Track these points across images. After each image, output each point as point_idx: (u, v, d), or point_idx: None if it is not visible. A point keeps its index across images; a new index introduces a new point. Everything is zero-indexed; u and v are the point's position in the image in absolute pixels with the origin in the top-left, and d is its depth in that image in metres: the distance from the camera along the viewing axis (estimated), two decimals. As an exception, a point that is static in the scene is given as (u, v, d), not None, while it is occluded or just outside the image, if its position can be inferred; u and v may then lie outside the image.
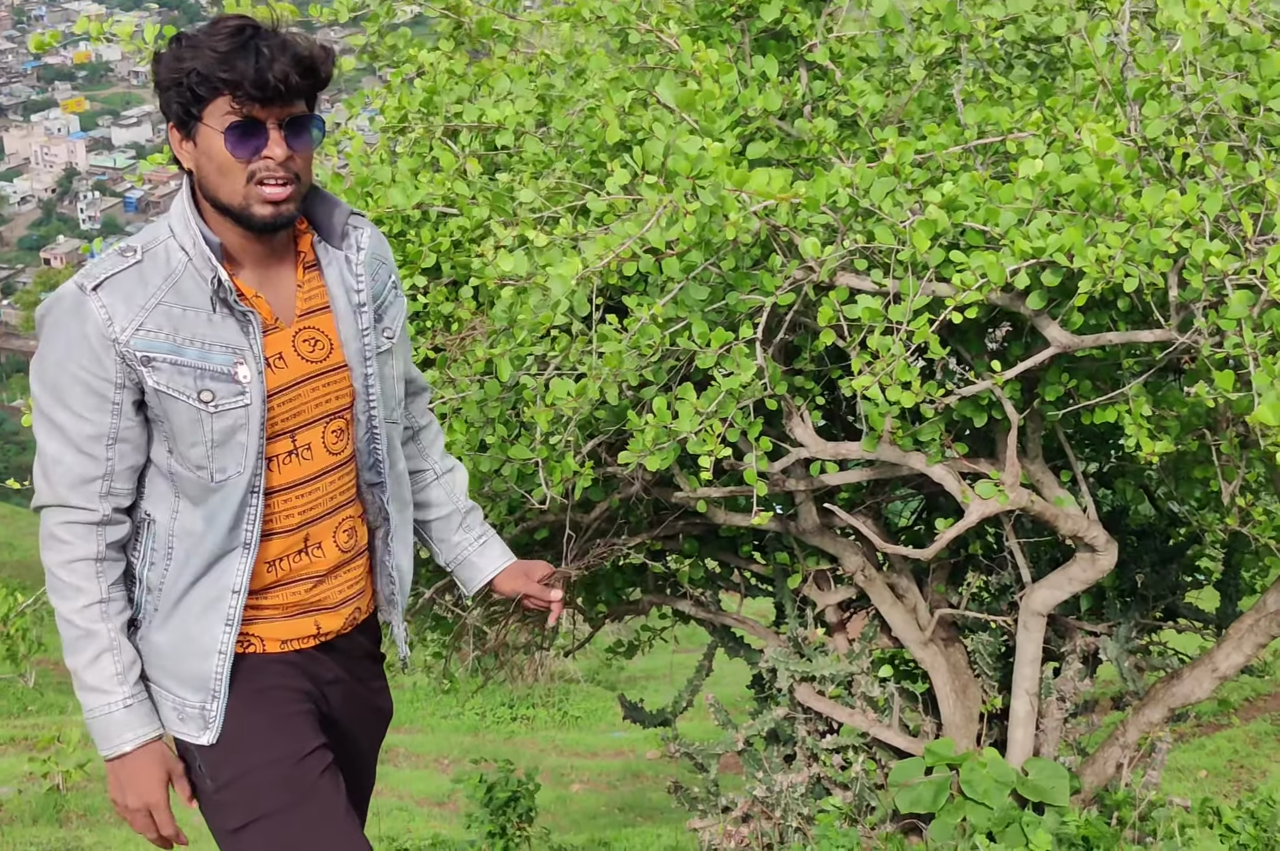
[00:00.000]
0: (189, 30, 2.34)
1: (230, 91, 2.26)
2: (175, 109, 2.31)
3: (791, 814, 4.51)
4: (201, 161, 2.34)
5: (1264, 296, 2.98)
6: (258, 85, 2.25)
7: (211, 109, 2.28)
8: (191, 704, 2.46)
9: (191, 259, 2.35)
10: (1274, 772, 10.53)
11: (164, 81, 2.30)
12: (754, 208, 3.16)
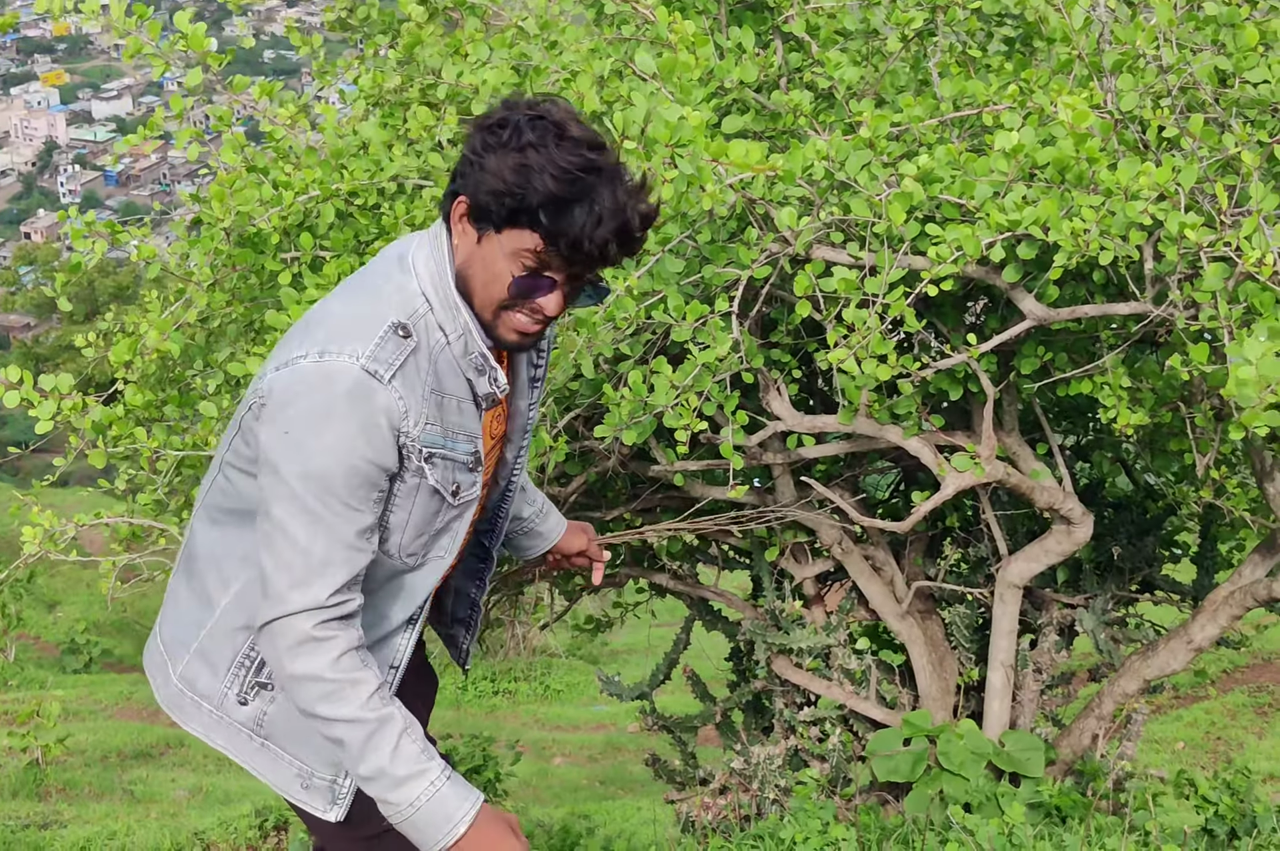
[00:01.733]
0: (540, 122, 2.10)
1: (544, 239, 2.10)
2: (482, 203, 2.11)
3: (769, 786, 4.53)
4: (474, 259, 2.17)
5: (1239, 269, 2.98)
6: (572, 248, 2.09)
7: (516, 234, 2.11)
8: (321, 776, 2.35)
9: (450, 344, 2.20)
10: (1251, 744, 10.59)
11: (490, 178, 2.09)
12: (730, 180, 3.15)
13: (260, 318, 4.13)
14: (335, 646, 2.14)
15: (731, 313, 3.33)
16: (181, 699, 2.41)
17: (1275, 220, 3.05)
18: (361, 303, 2.19)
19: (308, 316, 2.26)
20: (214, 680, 2.38)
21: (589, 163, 2.09)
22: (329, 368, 2.09)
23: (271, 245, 3.82)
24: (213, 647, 2.38)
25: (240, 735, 2.38)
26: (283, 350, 2.20)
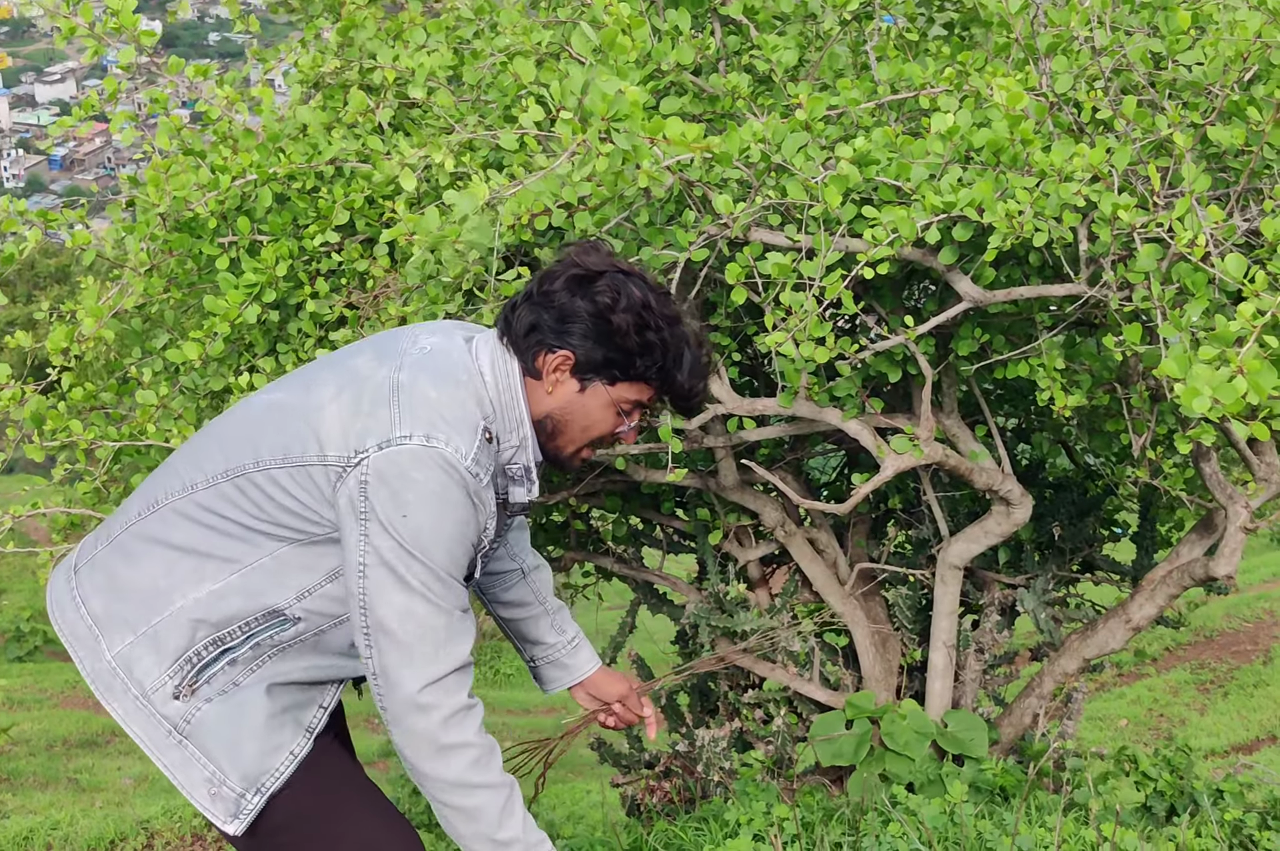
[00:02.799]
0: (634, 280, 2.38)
1: (661, 394, 2.42)
2: (598, 360, 2.35)
3: (713, 768, 4.54)
4: (570, 405, 2.39)
5: (1172, 250, 3.00)
6: (677, 398, 2.43)
7: (630, 387, 2.39)
8: (231, 787, 2.35)
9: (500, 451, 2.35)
10: (1193, 720, 10.71)
11: (612, 340, 2.33)
12: (667, 161, 3.15)
13: (198, 303, 4.10)
14: (478, 712, 2.30)
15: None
16: (111, 678, 2.37)
17: (1207, 201, 3.07)
18: (452, 394, 2.29)
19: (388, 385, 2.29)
20: (155, 668, 2.35)
21: (679, 314, 2.41)
22: (442, 457, 2.21)
23: (208, 229, 3.79)
24: (165, 635, 2.35)
25: (160, 728, 2.35)
26: (373, 421, 2.25)
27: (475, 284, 3.37)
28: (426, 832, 4.34)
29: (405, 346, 2.38)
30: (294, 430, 2.29)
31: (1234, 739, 9.93)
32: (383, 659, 2.25)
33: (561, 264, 2.40)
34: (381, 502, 2.20)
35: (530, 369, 2.37)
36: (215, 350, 3.69)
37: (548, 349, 2.35)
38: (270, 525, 2.32)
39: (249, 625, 2.36)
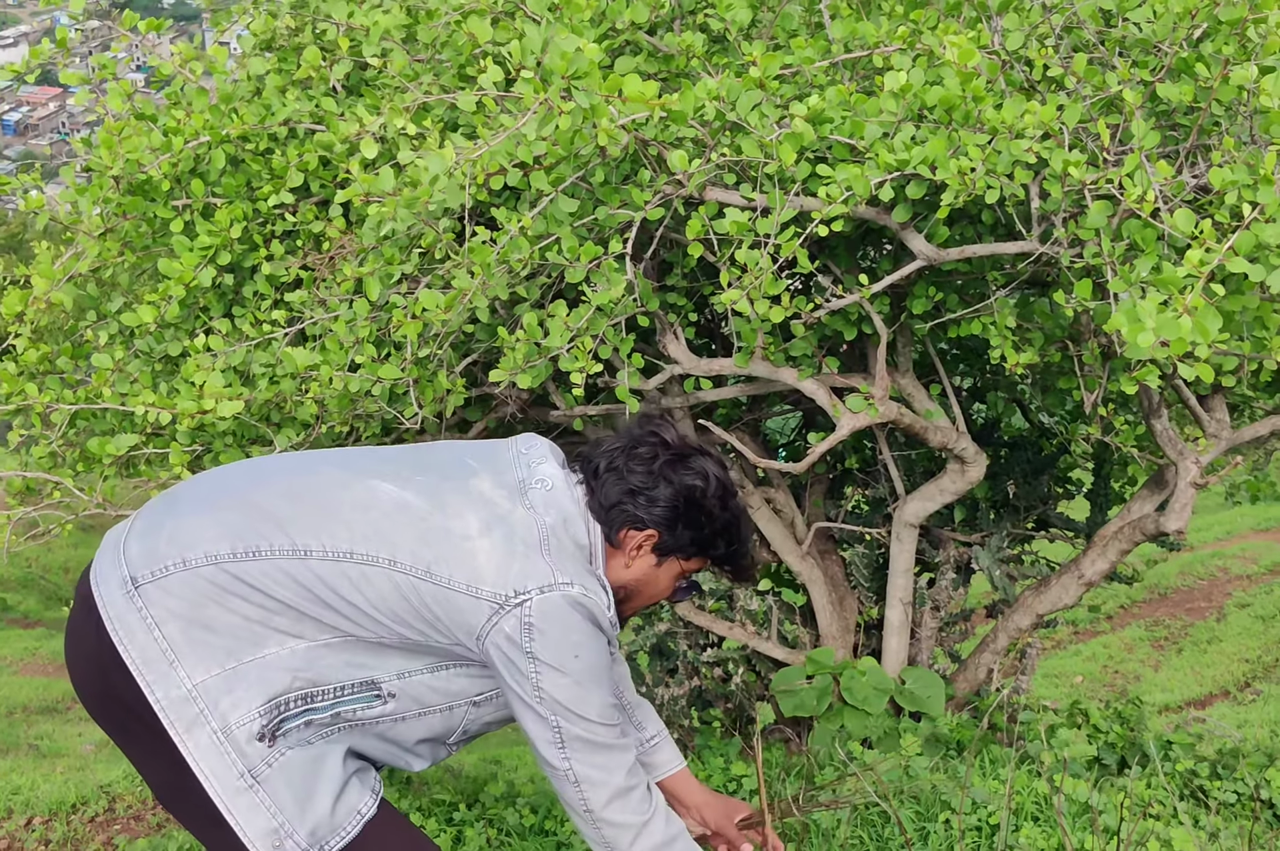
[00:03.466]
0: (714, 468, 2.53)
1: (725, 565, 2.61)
2: (682, 544, 2.52)
3: (674, 726, 4.58)
4: (645, 577, 2.55)
5: (1122, 206, 3.03)
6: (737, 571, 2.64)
7: (699, 561, 2.58)
8: (297, 841, 2.31)
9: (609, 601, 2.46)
10: (1147, 676, 10.84)
11: (702, 528, 2.50)
12: (623, 120, 3.15)
13: (153, 266, 4.08)
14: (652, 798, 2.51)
15: (625, 254, 3.34)
16: (187, 707, 2.26)
17: (1157, 158, 3.09)
18: (583, 552, 2.44)
19: (537, 530, 2.39)
20: (245, 703, 2.28)
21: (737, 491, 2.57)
22: (593, 605, 2.35)
23: (162, 192, 3.77)
24: (258, 676, 2.28)
25: (233, 770, 2.27)
26: (530, 565, 2.33)
27: (437, 246, 3.37)
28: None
29: (523, 475, 2.46)
30: (444, 552, 2.32)
31: (1188, 694, 10.06)
32: (583, 764, 2.41)
33: (645, 442, 2.52)
34: (551, 645, 2.32)
35: (611, 539, 2.48)
36: (171, 313, 3.68)
37: (634, 526, 2.48)
38: (386, 616, 2.33)
39: (342, 690, 2.35)
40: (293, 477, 2.41)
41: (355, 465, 2.44)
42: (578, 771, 2.39)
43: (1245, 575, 13.22)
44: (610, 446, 2.52)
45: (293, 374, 3.57)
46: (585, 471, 2.51)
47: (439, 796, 4.22)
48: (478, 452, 2.52)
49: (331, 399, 3.55)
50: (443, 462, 2.48)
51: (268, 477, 2.43)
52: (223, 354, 3.66)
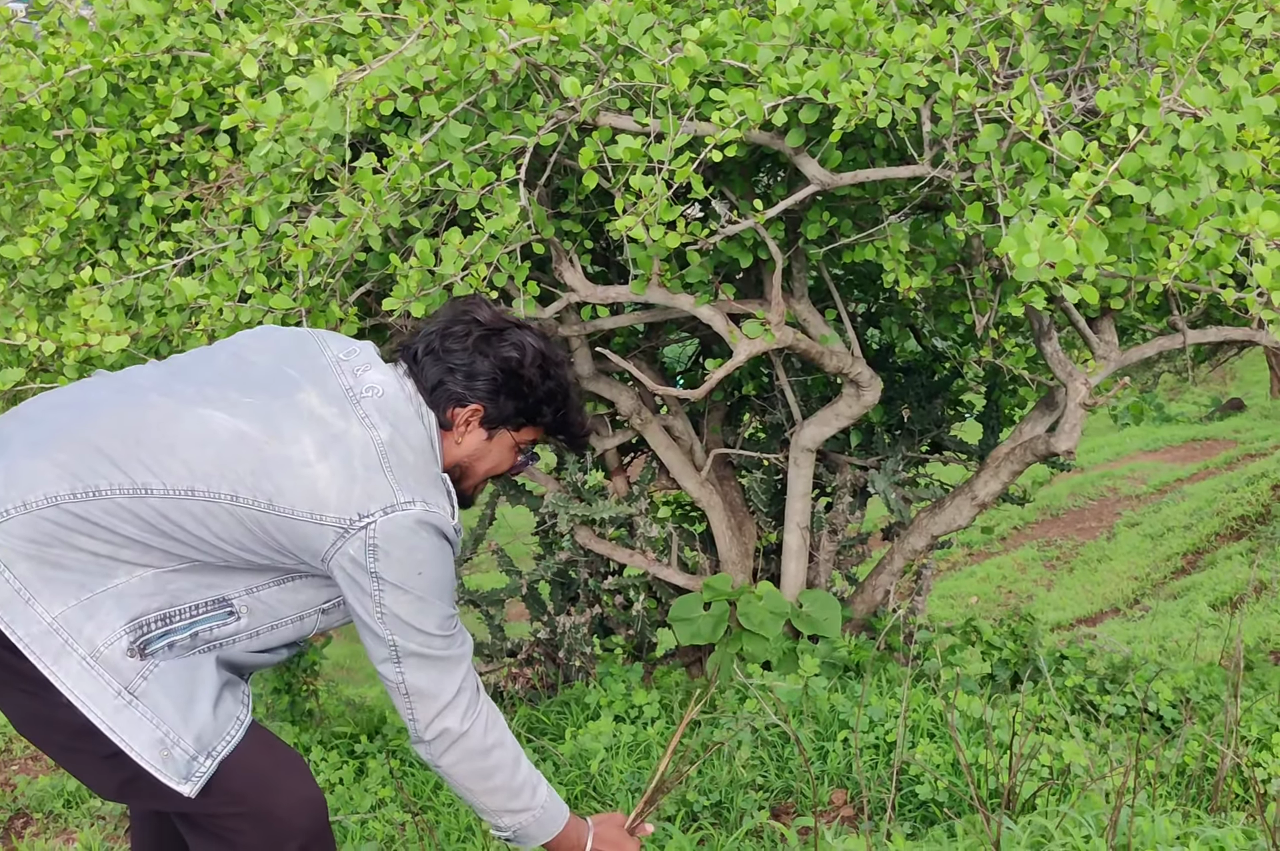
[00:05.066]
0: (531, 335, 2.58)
1: (558, 435, 2.66)
2: (509, 413, 2.56)
3: (575, 654, 4.61)
4: (480, 453, 2.59)
5: (1011, 129, 3.05)
6: (571, 437, 2.69)
7: (532, 430, 2.63)
8: (184, 749, 2.32)
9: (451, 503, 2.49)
10: (1040, 595, 11.09)
11: (522, 395, 2.55)
12: (514, 44, 3.11)
13: (34, 198, 3.98)
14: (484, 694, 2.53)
15: (519, 181, 3.31)
16: (51, 639, 2.26)
17: (1045, 81, 3.11)
18: (422, 456, 2.45)
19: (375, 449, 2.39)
20: (108, 626, 2.29)
21: (564, 357, 2.64)
22: (437, 519, 2.37)
23: (42, 122, 3.67)
24: (114, 602, 2.30)
25: (109, 690, 2.28)
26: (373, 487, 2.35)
27: (325, 173, 3.32)
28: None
29: (348, 383, 2.46)
30: (284, 483, 2.33)
31: (1079, 612, 10.31)
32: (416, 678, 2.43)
33: (460, 322, 2.55)
34: (395, 564, 2.34)
35: (441, 421, 2.53)
36: (52, 246, 3.59)
37: (458, 403, 2.52)
38: (232, 546, 2.36)
39: (196, 610, 2.37)
40: (122, 410, 2.39)
41: (181, 392, 2.42)
42: (409, 683, 2.43)
43: (1134, 495, 13.53)
44: (427, 331, 2.57)
45: (181, 306, 3.51)
46: (406, 360, 2.55)
47: (340, 729, 4.23)
48: (292, 358, 2.51)
49: (222, 330, 3.49)
50: (266, 378, 2.46)
51: (95, 411, 2.40)
52: (109, 287, 3.58)
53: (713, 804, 3.58)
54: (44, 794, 4.39)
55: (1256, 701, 3.93)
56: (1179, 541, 11.33)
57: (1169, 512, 12.28)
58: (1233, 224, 2.80)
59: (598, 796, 3.67)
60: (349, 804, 3.75)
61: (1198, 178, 2.78)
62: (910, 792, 3.45)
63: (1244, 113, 2.78)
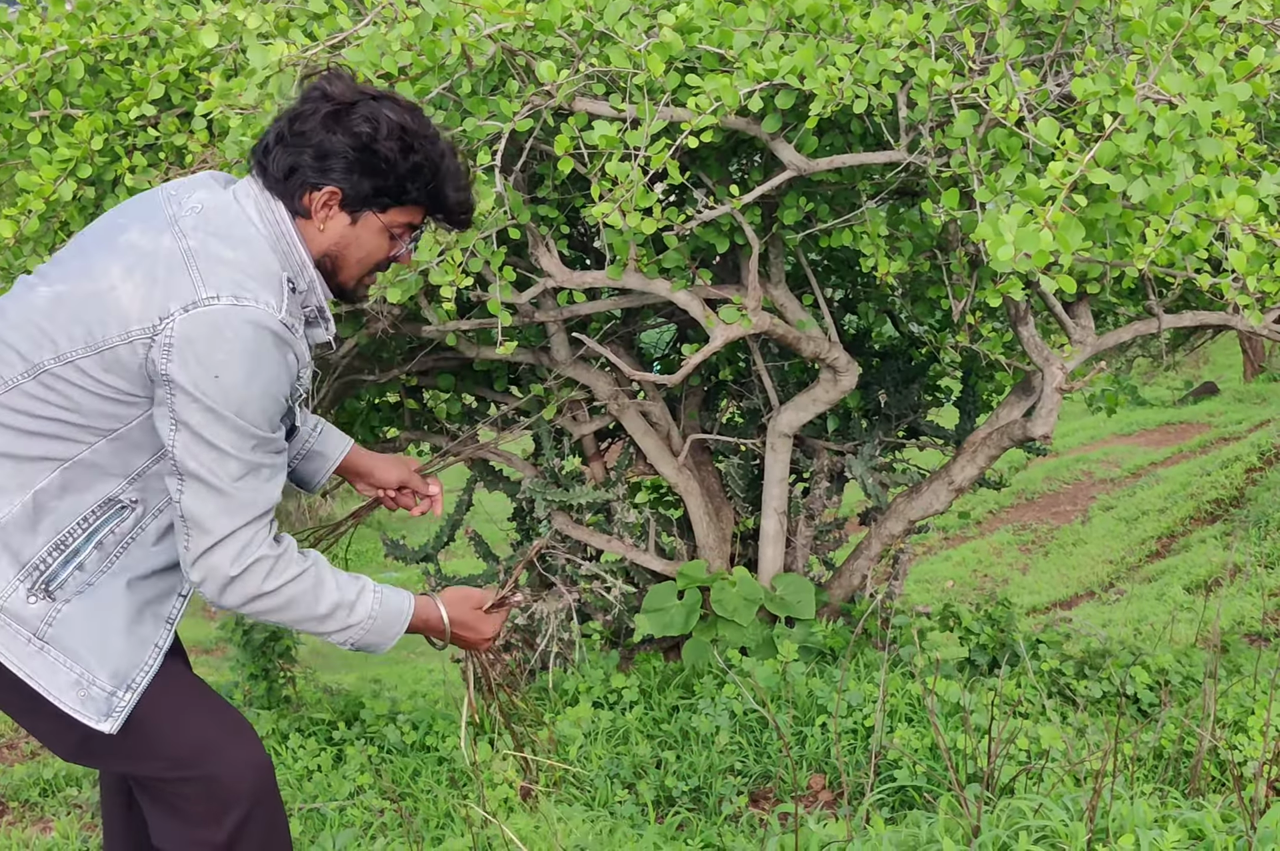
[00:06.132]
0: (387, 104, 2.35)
1: (434, 213, 2.42)
2: (366, 191, 2.34)
3: (552, 640, 4.61)
4: (346, 240, 2.40)
5: (987, 115, 3.05)
6: (450, 215, 2.44)
7: (400, 211, 2.39)
8: (101, 686, 2.32)
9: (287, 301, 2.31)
10: (1015, 579, 11.12)
11: (378, 170, 2.32)
12: (489, 29, 3.09)
13: (10, 179, 3.96)
14: (271, 539, 2.31)
15: (494, 167, 3.29)
16: None
17: (1021, 66, 3.11)
18: (247, 250, 2.28)
19: (180, 253, 2.25)
20: (2, 574, 2.27)
21: (436, 130, 2.39)
22: (251, 315, 2.20)
23: (19, 103, 3.65)
24: (7, 544, 2.27)
25: (18, 637, 2.28)
26: (174, 287, 2.20)
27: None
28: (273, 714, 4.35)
29: (173, 211, 2.32)
30: (92, 316, 2.23)
31: (1054, 595, 10.34)
32: (192, 504, 2.25)
33: (309, 100, 2.34)
34: (188, 365, 2.18)
35: (299, 209, 2.35)
36: (30, 228, 3.57)
37: (312, 187, 2.33)
38: (86, 416, 2.27)
39: (87, 521, 2.31)
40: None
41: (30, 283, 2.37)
42: (185, 507, 2.25)
43: (1109, 478, 13.58)
44: (276, 119, 2.40)
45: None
46: (257, 155, 2.39)
47: (318, 715, 4.22)
48: (130, 208, 2.42)
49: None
50: (97, 231, 2.40)
51: None
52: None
53: (691, 789, 3.59)
54: (20, 783, 4.38)
55: (1233, 684, 3.95)
56: (1153, 525, 11.37)
57: (1143, 496, 12.33)
58: (1208, 209, 2.80)
59: (576, 783, 3.67)
60: (327, 791, 3.74)
61: (1174, 165, 2.78)
62: (889, 777, 3.46)
63: (1219, 99, 2.78)
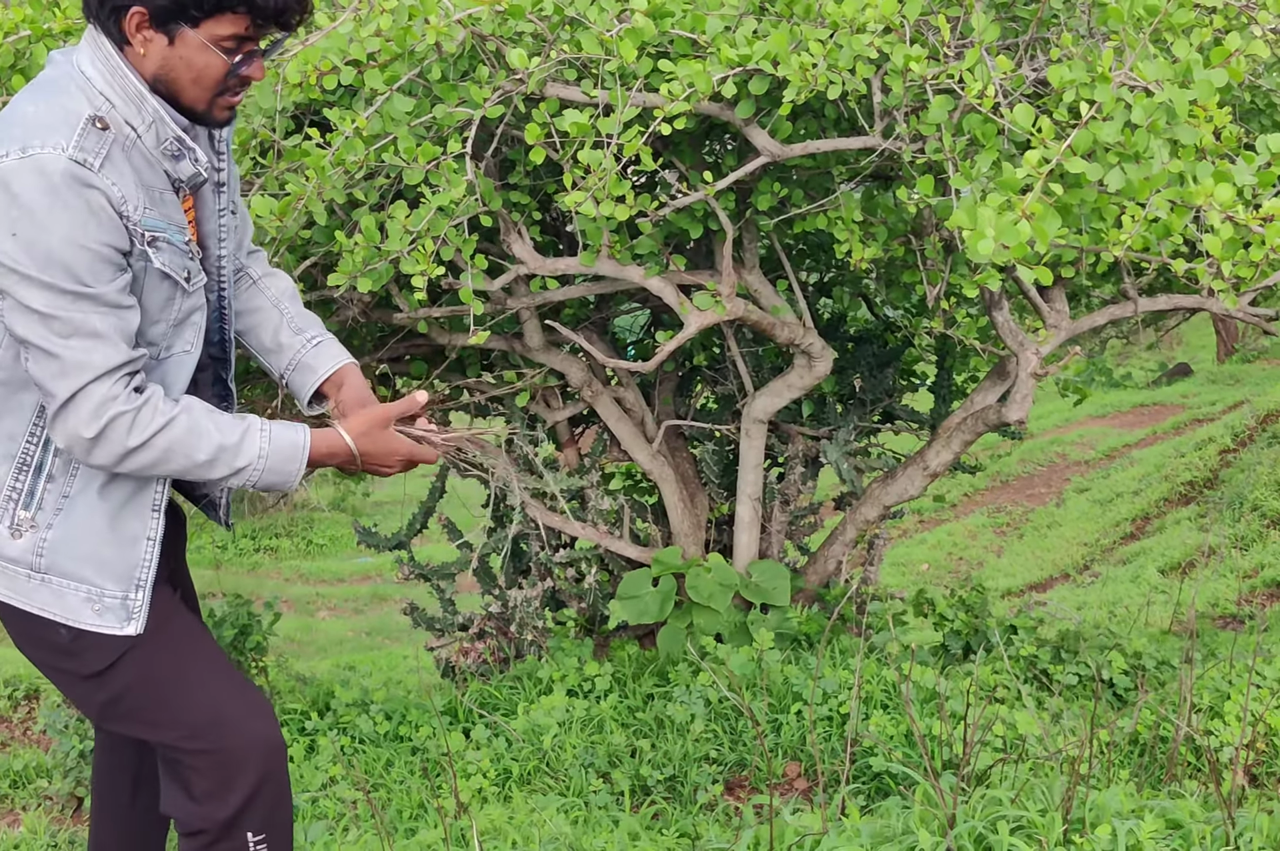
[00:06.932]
0: None
1: (252, 15, 2.18)
2: (170, 6, 2.14)
3: (526, 628, 4.59)
4: (174, 63, 2.21)
5: (962, 101, 3.03)
6: (277, 16, 2.19)
7: (219, 22, 2.18)
8: (112, 594, 2.30)
9: (140, 137, 2.21)
10: (990, 562, 11.15)
11: None
12: (459, 15, 3.06)
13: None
14: (129, 393, 2.18)
15: (465, 154, 3.26)
16: None
17: (996, 52, 3.09)
18: (50, 100, 2.18)
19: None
20: None
21: None
22: (37, 162, 2.08)
23: (-21, 90, 3.60)
24: None
25: (17, 576, 2.28)
26: None
27: (260, 148, 3.26)
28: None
29: None
30: None
31: (1029, 578, 10.37)
32: (35, 369, 2.17)
33: None
34: None
35: (120, 39, 2.22)
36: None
37: (122, 11, 2.18)
38: None
39: (34, 435, 2.28)
40: None
41: None
42: (33, 373, 2.17)
43: (1083, 461, 13.62)
44: None
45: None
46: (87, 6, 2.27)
47: (290, 705, 4.20)
48: None
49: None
50: None
51: None
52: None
53: (666, 778, 3.57)
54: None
55: (1208, 669, 3.95)
56: (1128, 507, 11.40)
57: (1118, 478, 12.36)
58: (1185, 195, 2.79)
59: (551, 771, 3.66)
60: (299, 782, 3.72)
61: (1150, 153, 2.77)
62: (865, 764, 3.45)
63: (1196, 87, 2.77)
